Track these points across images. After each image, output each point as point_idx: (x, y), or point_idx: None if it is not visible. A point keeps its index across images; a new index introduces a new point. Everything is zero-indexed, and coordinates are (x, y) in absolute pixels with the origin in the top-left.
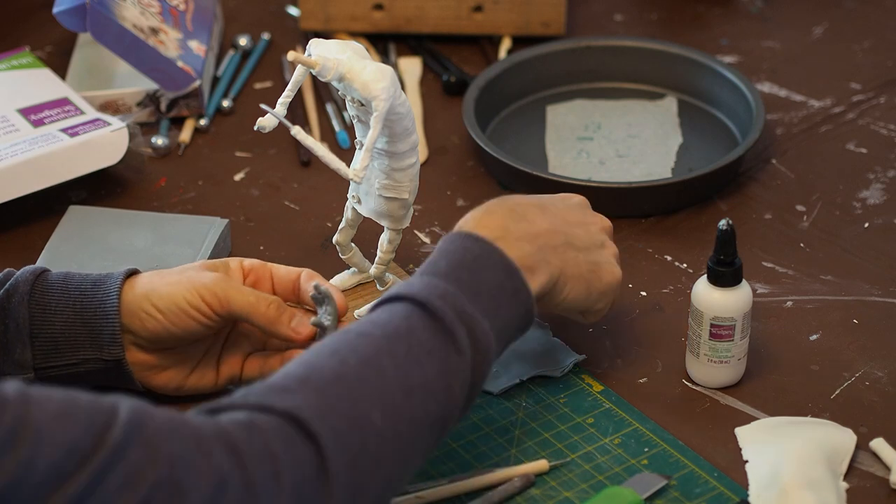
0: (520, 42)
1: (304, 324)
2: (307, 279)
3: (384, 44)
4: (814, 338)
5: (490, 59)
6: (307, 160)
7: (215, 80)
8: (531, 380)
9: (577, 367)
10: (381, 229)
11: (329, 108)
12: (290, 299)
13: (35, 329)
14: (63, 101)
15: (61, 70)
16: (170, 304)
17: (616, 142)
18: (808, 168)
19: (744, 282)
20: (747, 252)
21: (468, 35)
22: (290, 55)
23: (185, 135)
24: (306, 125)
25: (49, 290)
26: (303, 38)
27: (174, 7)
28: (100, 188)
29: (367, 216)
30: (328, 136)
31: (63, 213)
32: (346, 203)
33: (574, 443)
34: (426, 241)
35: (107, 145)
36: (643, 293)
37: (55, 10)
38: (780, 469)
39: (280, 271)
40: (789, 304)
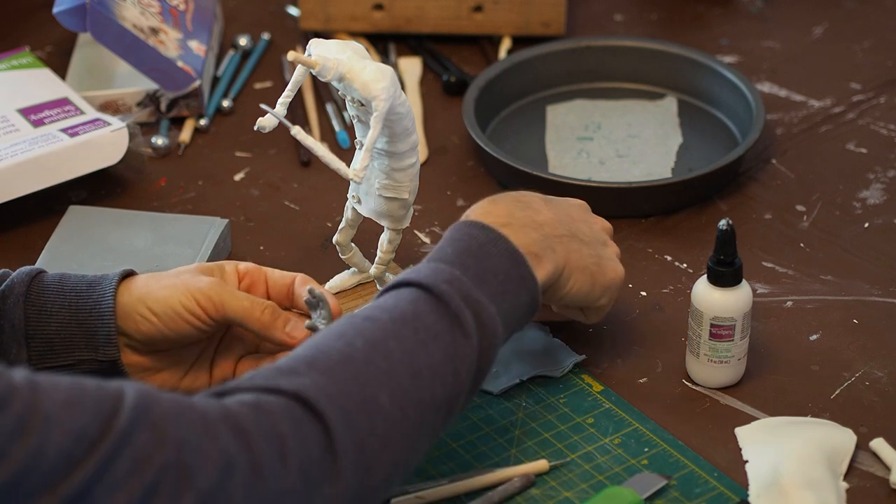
0: (520, 42)
1: (298, 328)
2: (301, 284)
3: (384, 44)
4: (814, 338)
5: (490, 59)
6: (307, 160)
7: (215, 80)
8: (531, 380)
9: (577, 367)
10: (381, 229)
11: (329, 108)
12: (284, 304)
13: (31, 330)
14: (63, 101)
15: (61, 70)
16: (165, 307)
17: (616, 142)
18: (808, 168)
19: (744, 282)
20: (747, 252)
21: (468, 35)
22: (290, 55)
23: (185, 135)
24: (306, 125)
25: (45, 291)
26: (303, 38)
27: (174, 7)
28: (100, 188)
29: (367, 216)
30: (328, 136)
31: (63, 213)
32: (346, 203)
33: (574, 443)
34: (426, 241)
35: (107, 145)
36: (643, 293)
37: (55, 10)
38: (780, 469)
39: (275, 275)
40: (789, 304)
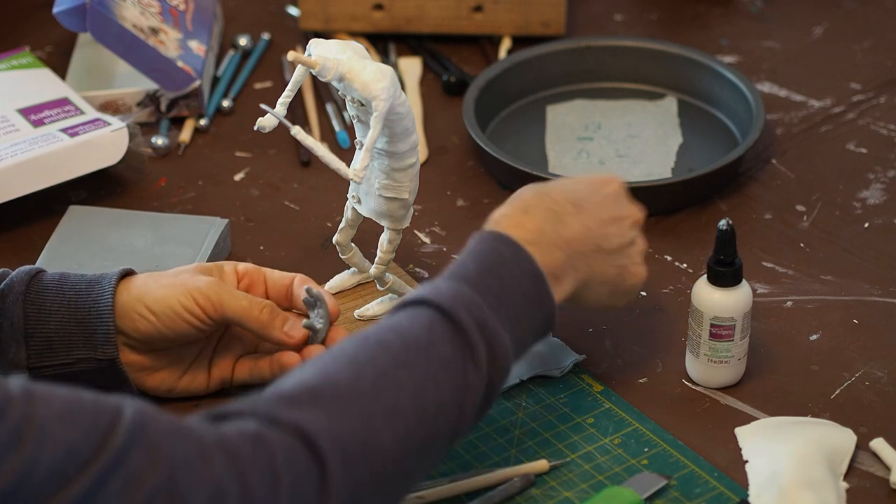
0: (520, 42)
1: (296, 327)
2: (300, 284)
3: (384, 44)
4: (814, 338)
5: (490, 59)
6: (307, 160)
7: (215, 80)
8: (531, 380)
9: (577, 367)
10: (381, 229)
11: (329, 108)
12: (283, 304)
13: (29, 329)
14: (63, 101)
15: (61, 70)
16: (163, 306)
17: (616, 142)
18: (808, 168)
19: (744, 282)
20: (747, 252)
21: (468, 35)
22: (290, 55)
23: (185, 135)
24: (306, 125)
25: (44, 290)
26: (303, 38)
27: (174, 7)
28: (100, 188)
29: (367, 216)
30: (328, 136)
31: (63, 213)
32: (346, 203)
33: (574, 443)
34: (426, 241)
35: (107, 145)
36: (643, 293)
37: (55, 10)
38: (780, 469)
39: (274, 276)
40: (789, 304)
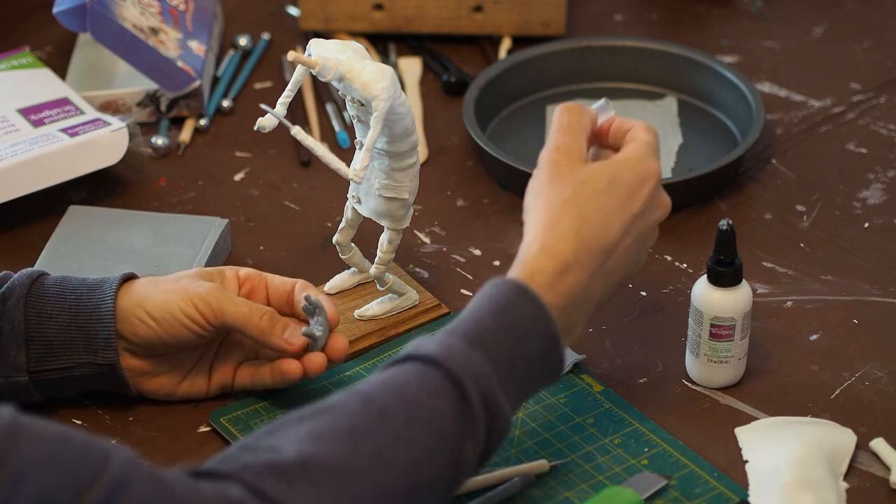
0: (520, 42)
1: (296, 335)
2: (301, 290)
3: (384, 44)
4: (814, 338)
5: (490, 59)
6: (307, 160)
7: (215, 80)
8: None
9: (577, 367)
10: (381, 229)
11: (329, 108)
12: (284, 310)
13: (30, 332)
14: (63, 101)
15: (61, 70)
16: (163, 312)
17: None
18: (808, 168)
19: (744, 282)
20: (747, 252)
21: (468, 35)
22: (290, 55)
23: (185, 135)
24: (306, 125)
25: (45, 294)
26: (303, 38)
27: (174, 7)
28: (100, 188)
29: (367, 216)
30: (328, 136)
31: (63, 213)
32: (346, 203)
33: (574, 443)
34: (426, 241)
35: (107, 145)
36: (643, 293)
37: (55, 10)
38: (780, 469)
39: (275, 281)
40: (789, 304)
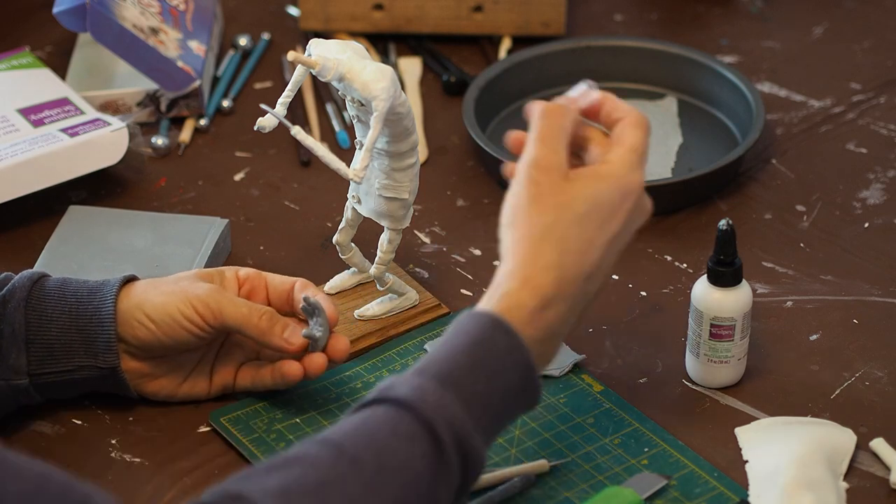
0: (520, 42)
1: (296, 334)
2: (301, 289)
3: (384, 44)
4: (814, 338)
5: (490, 59)
6: (307, 160)
7: (215, 80)
8: None
9: (577, 367)
10: (381, 229)
11: (329, 108)
12: (284, 309)
13: (31, 335)
14: (63, 101)
15: (61, 70)
16: (163, 314)
17: None
18: (808, 168)
19: (744, 282)
20: (747, 252)
21: (468, 35)
22: (290, 55)
23: (185, 135)
24: (306, 125)
25: (46, 296)
26: (303, 38)
27: (174, 7)
28: (100, 188)
29: (367, 216)
30: (328, 136)
31: (63, 213)
32: (346, 203)
33: (574, 443)
34: (426, 241)
35: (107, 145)
36: (643, 293)
37: (55, 10)
38: (780, 469)
39: (275, 281)
40: (789, 304)
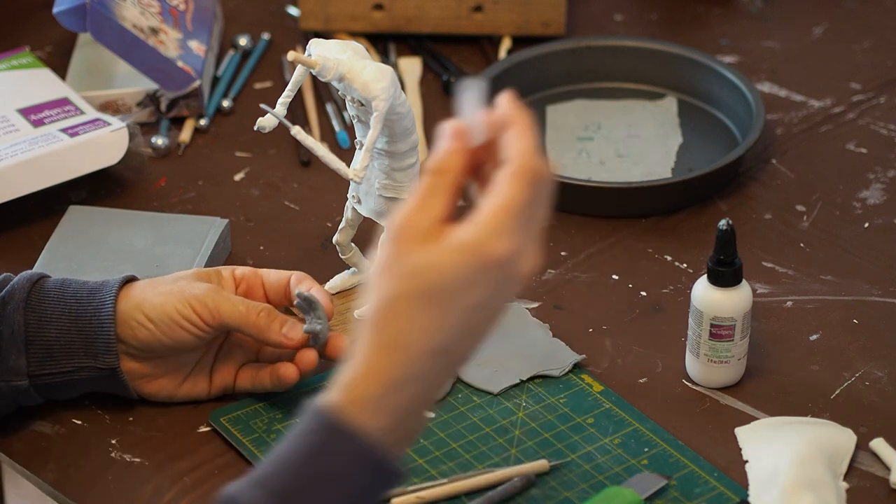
0: (520, 42)
1: (295, 329)
2: (296, 283)
3: (384, 44)
4: (814, 338)
5: (490, 59)
6: (307, 160)
7: (215, 80)
8: (531, 380)
9: (577, 367)
10: (381, 229)
11: (329, 108)
12: (283, 304)
13: (30, 336)
14: (63, 101)
15: (61, 70)
16: (161, 314)
17: (616, 142)
18: (808, 168)
19: (744, 282)
20: (747, 252)
21: (468, 35)
22: (290, 55)
23: (185, 135)
24: (306, 125)
25: (45, 297)
26: (303, 38)
27: (174, 7)
28: (100, 188)
29: (367, 216)
30: (328, 136)
31: (63, 213)
32: (346, 203)
33: (574, 443)
34: None
35: (107, 145)
36: (643, 293)
37: (55, 10)
38: (780, 469)
39: (270, 277)
40: (789, 304)
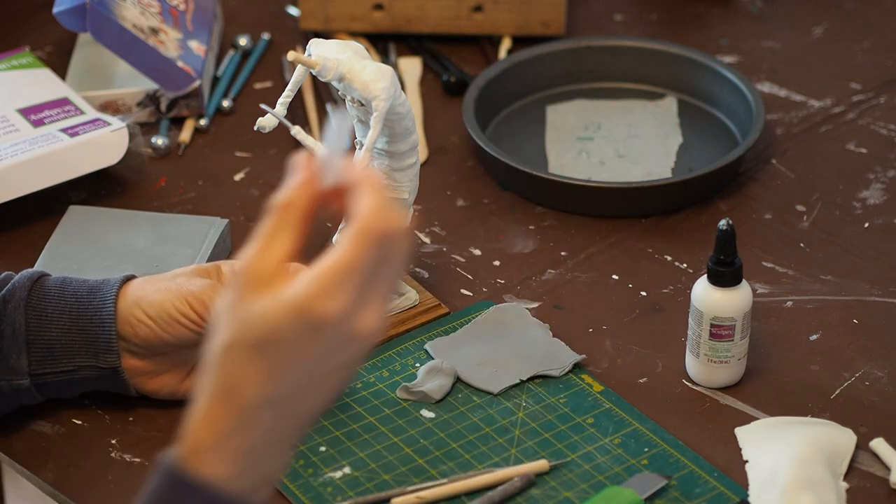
0: (520, 42)
1: None
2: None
3: (384, 44)
4: (814, 338)
5: (490, 59)
6: None
7: (215, 80)
8: (531, 380)
9: (577, 367)
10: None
11: (329, 108)
12: None
13: (31, 336)
14: (63, 101)
15: (61, 70)
16: (160, 311)
17: (616, 142)
18: (808, 168)
19: (744, 282)
20: (747, 252)
21: (468, 35)
22: (290, 55)
23: (185, 135)
24: (306, 125)
25: (46, 296)
26: (303, 38)
27: (174, 7)
28: (100, 188)
29: None
30: None
31: (63, 213)
32: None
33: (574, 443)
34: (426, 240)
35: (107, 145)
36: (643, 293)
37: (55, 10)
38: (780, 469)
39: None
40: (789, 304)
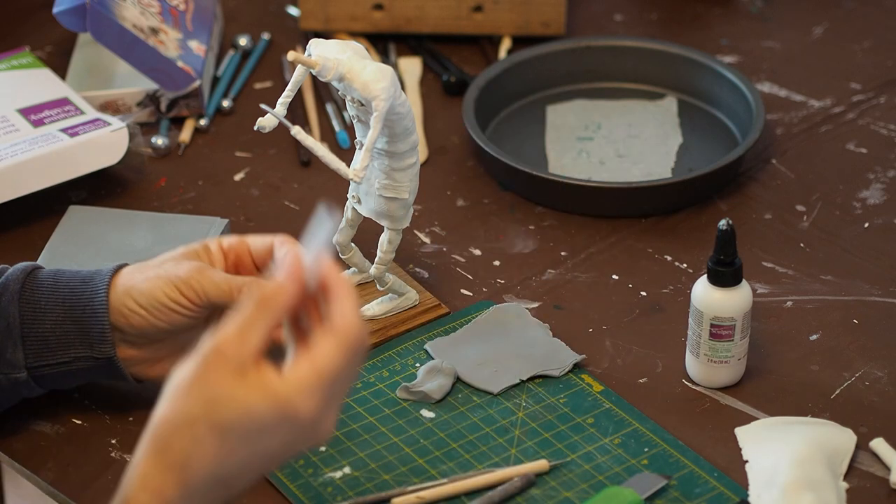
0: (520, 42)
1: None
2: (280, 246)
3: (384, 44)
4: (814, 338)
5: (490, 59)
6: (307, 160)
7: (215, 80)
8: (531, 380)
9: (577, 367)
10: (381, 229)
11: (329, 108)
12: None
13: (26, 328)
14: (63, 101)
15: (61, 70)
16: (150, 299)
17: (616, 142)
18: (808, 168)
19: (744, 282)
20: (747, 252)
21: (468, 35)
22: (290, 55)
23: (185, 135)
24: (306, 125)
25: (39, 288)
26: (303, 38)
27: (174, 7)
28: (100, 188)
29: (367, 216)
30: (328, 136)
31: (63, 213)
32: (346, 203)
33: (574, 443)
34: (426, 241)
35: (107, 145)
36: (643, 293)
37: (55, 10)
38: (780, 469)
39: (256, 244)
40: (789, 304)
